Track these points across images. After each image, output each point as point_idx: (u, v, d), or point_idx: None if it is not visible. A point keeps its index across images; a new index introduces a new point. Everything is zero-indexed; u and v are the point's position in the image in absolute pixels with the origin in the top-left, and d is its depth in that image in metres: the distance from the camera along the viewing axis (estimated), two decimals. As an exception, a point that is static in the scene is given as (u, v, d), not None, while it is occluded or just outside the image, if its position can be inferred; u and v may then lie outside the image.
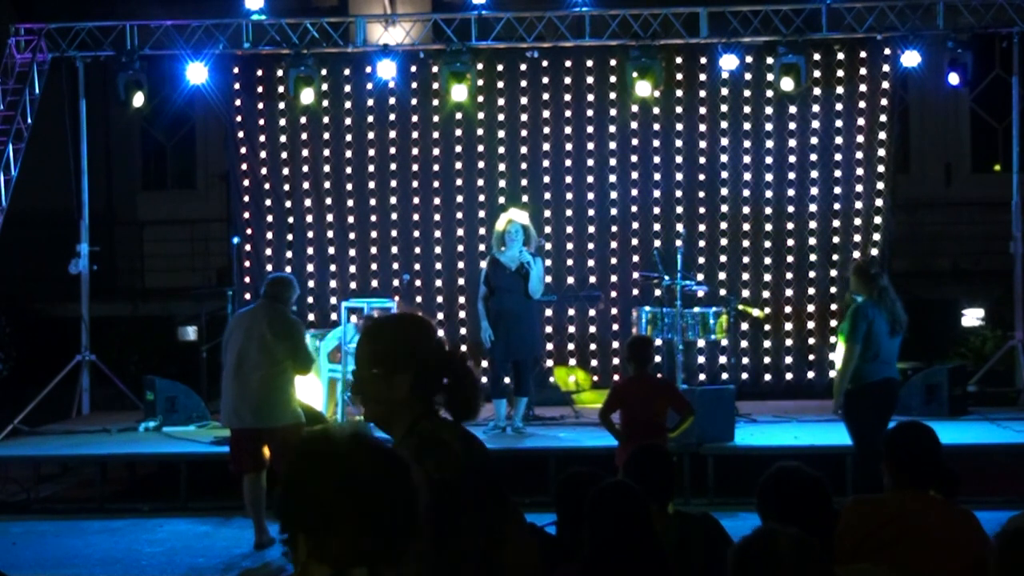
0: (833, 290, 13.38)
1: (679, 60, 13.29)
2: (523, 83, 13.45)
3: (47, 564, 8.90)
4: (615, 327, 13.39)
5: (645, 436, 7.57)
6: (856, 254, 13.23)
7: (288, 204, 13.64)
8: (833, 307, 13.35)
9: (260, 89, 13.58)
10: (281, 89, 13.42)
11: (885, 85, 13.27)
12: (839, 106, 13.30)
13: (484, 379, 12.41)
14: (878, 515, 4.43)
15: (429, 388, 3.18)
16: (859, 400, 8.58)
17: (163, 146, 19.79)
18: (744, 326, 13.32)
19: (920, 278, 15.69)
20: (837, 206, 13.37)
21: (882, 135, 13.28)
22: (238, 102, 13.59)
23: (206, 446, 10.94)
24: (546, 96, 13.47)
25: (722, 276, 13.34)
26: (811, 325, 13.41)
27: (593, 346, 13.48)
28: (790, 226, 13.42)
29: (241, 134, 13.64)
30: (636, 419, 8.22)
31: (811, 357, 13.40)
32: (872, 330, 8.59)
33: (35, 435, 12.02)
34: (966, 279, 16.60)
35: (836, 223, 13.38)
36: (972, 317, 16.16)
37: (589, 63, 13.39)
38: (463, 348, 12.76)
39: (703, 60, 13.24)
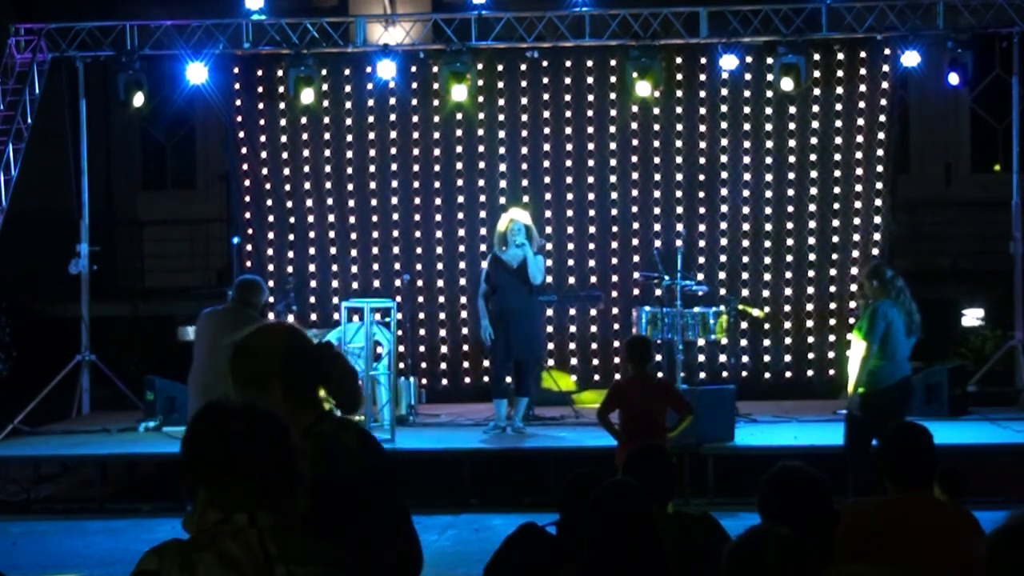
0: (832, 289, 13.39)
1: (679, 60, 13.30)
2: (523, 83, 13.46)
3: (47, 564, 8.90)
4: (615, 327, 13.40)
5: (644, 436, 7.57)
6: (856, 254, 13.24)
7: (289, 204, 13.64)
8: (832, 306, 13.36)
9: (260, 89, 13.59)
10: (281, 89, 13.43)
11: (885, 85, 13.27)
12: (839, 106, 13.31)
13: (486, 378, 12.45)
14: (879, 516, 4.43)
15: (305, 392, 3.35)
16: (874, 404, 8.58)
17: (163, 146, 19.79)
18: (744, 326, 13.33)
19: (920, 278, 15.64)
20: (837, 206, 13.37)
21: (881, 135, 13.28)
22: (238, 102, 13.59)
23: (206, 446, 10.92)
24: (546, 96, 13.47)
25: (722, 276, 13.34)
26: (810, 324, 13.42)
27: (594, 346, 13.49)
28: (790, 226, 13.43)
29: (241, 134, 13.64)
30: (635, 419, 8.22)
31: (810, 356, 13.42)
32: (890, 331, 8.64)
33: (35, 435, 12.02)
34: (966, 279, 16.60)
35: (836, 223, 13.39)
36: (972, 317, 16.16)
37: (589, 63, 13.40)
38: (331, 342, 12.64)
39: (703, 60, 13.24)
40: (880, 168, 13.31)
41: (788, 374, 13.46)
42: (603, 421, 8.38)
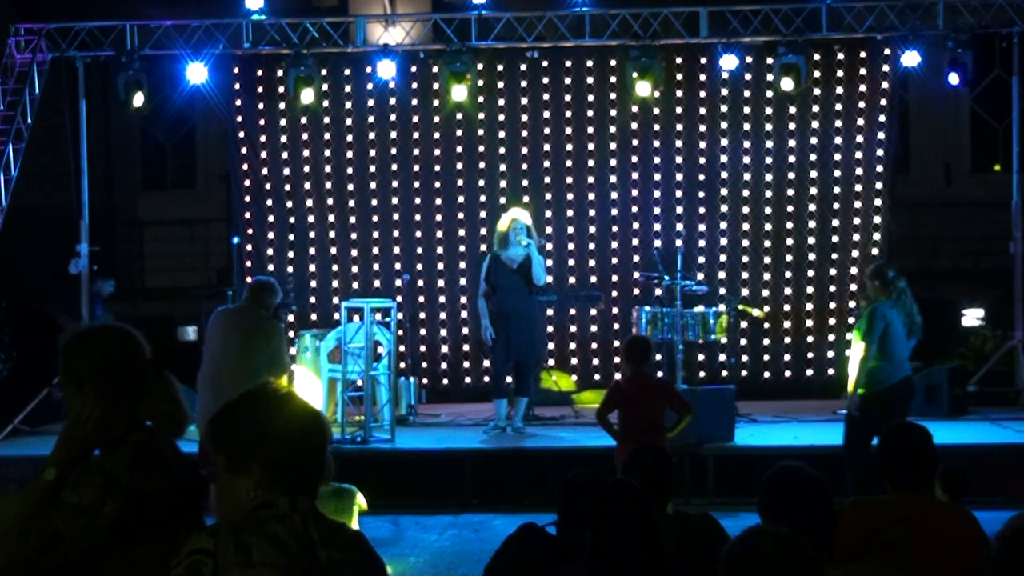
0: (832, 289, 13.41)
1: (679, 60, 13.31)
2: (523, 83, 13.47)
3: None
4: (615, 327, 13.41)
5: (643, 435, 7.58)
6: (856, 254, 13.25)
7: (289, 204, 13.65)
8: (832, 306, 13.38)
9: (260, 89, 13.60)
10: (281, 89, 13.44)
11: (885, 85, 13.28)
12: (839, 106, 13.32)
13: (486, 378, 12.45)
14: (879, 516, 4.43)
15: (126, 400, 3.32)
16: (874, 405, 8.57)
17: (163, 146, 19.77)
18: (744, 326, 13.33)
19: (920, 278, 15.64)
20: (837, 206, 13.39)
21: (881, 135, 13.30)
22: (238, 102, 13.60)
23: (206, 446, 10.91)
24: (546, 96, 13.48)
25: (722, 276, 13.36)
26: (810, 324, 13.44)
27: (594, 346, 13.49)
28: (790, 226, 13.45)
29: (241, 134, 13.65)
30: (634, 419, 8.22)
31: (810, 356, 13.43)
32: (889, 331, 8.63)
33: (35, 435, 12.02)
34: (966, 279, 16.59)
35: (836, 223, 13.40)
36: (972, 317, 16.14)
37: (589, 63, 13.41)
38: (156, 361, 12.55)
39: (703, 60, 13.25)
40: (880, 168, 13.33)
41: (788, 374, 13.47)
42: (602, 421, 8.38)
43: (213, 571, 2.63)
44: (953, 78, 12.69)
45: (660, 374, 11.33)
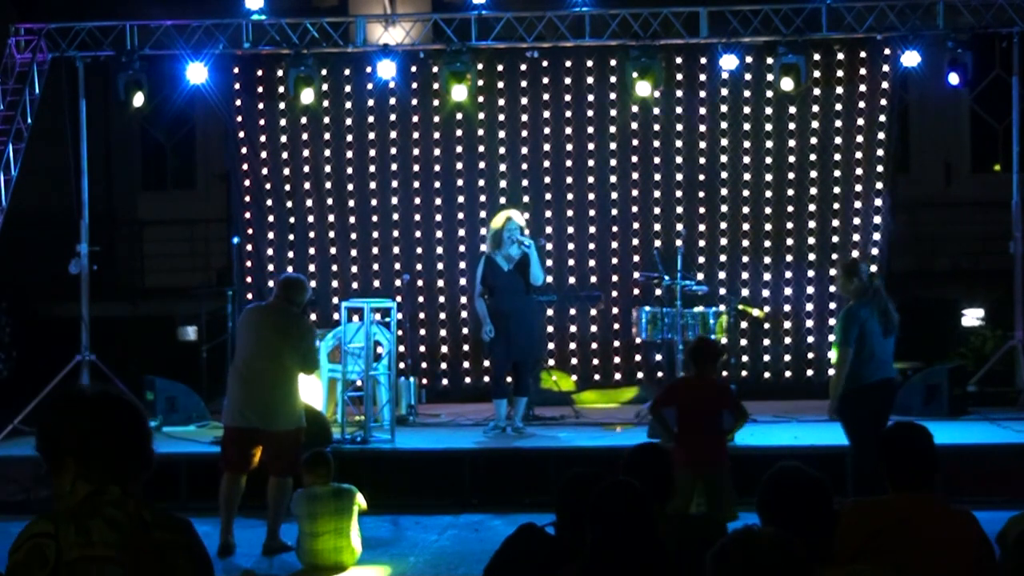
0: (832, 289, 13.40)
1: (679, 60, 13.31)
2: (523, 83, 13.47)
3: (47, 564, 8.86)
4: (615, 327, 13.41)
5: (700, 436, 7.62)
6: (856, 254, 13.25)
7: (289, 204, 13.66)
8: (832, 306, 13.37)
9: (260, 89, 13.60)
10: (281, 89, 13.44)
11: (885, 85, 13.29)
12: (839, 106, 13.32)
13: (486, 378, 12.45)
14: (879, 517, 4.43)
15: None
16: (855, 402, 8.59)
17: (163, 146, 19.77)
18: (744, 326, 13.34)
19: (920, 278, 15.65)
20: (837, 206, 13.39)
21: (881, 135, 13.30)
22: (238, 102, 13.60)
23: (206, 446, 10.94)
24: (546, 96, 13.48)
25: (722, 276, 13.36)
26: (810, 324, 13.44)
27: (594, 346, 13.49)
28: (790, 226, 13.45)
29: (241, 134, 13.65)
30: (691, 419, 8.15)
31: (810, 356, 13.44)
32: (864, 331, 8.61)
33: (35, 435, 11.99)
34: (966, 279, 16.58)
35: (836, 223, 13.41)
36: (972, 317, 16.13)
37: (589, 63, 13.41)
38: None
39: (703, 60, 13.25)
40: (880, 168, 13.33)
41: (788, 374, 13.47)
42: (655, 415, 8.46)
43: (56, 552, 2.82)
44: (953, 78, 12.68)
45: (660, 375, 11.33)
